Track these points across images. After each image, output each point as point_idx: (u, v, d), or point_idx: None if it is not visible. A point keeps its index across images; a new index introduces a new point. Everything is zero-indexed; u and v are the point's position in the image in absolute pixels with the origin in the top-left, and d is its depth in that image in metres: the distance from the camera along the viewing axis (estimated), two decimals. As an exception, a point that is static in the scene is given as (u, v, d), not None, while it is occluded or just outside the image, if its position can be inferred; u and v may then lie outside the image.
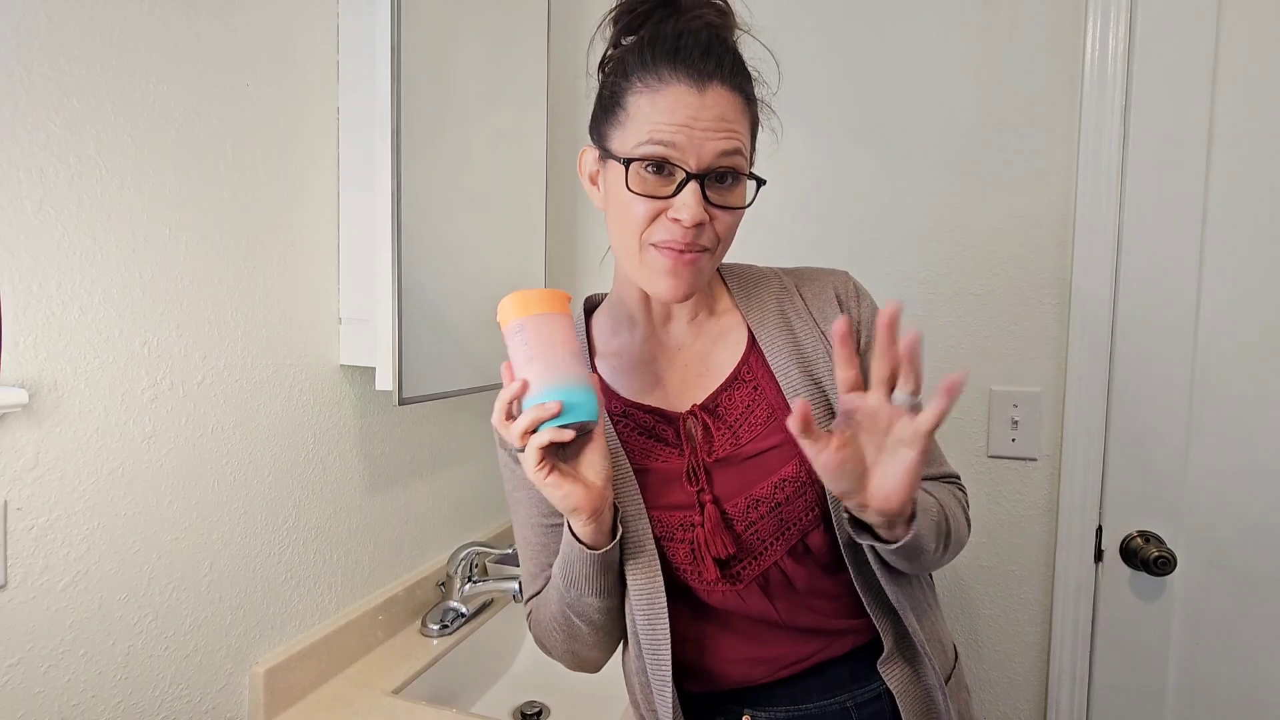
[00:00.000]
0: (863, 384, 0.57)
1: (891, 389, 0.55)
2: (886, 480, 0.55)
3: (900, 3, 1.27)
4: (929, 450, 0.54)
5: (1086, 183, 1.17)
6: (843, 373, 0.57)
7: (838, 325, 0.56)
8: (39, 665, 0.71)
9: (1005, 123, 1.23)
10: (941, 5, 1.25)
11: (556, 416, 0.57)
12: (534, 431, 0.58)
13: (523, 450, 0.59)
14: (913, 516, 0.59)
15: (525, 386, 0.59)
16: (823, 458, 0.55)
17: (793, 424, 0.55)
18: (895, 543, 0.59)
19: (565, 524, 0.64)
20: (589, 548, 0.63)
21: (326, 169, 1.01)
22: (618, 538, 0.64)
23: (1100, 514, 1.20)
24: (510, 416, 0.60)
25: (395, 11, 0.94)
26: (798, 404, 0.55)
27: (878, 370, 0.55)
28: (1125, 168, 1.16)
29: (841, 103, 1.31)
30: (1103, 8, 1.15)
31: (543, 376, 0.58)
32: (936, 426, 0.53)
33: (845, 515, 0.62)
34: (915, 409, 0.54)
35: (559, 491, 0.59)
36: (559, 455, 0.60)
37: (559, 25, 1.39)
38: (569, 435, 0.58)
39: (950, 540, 0.67)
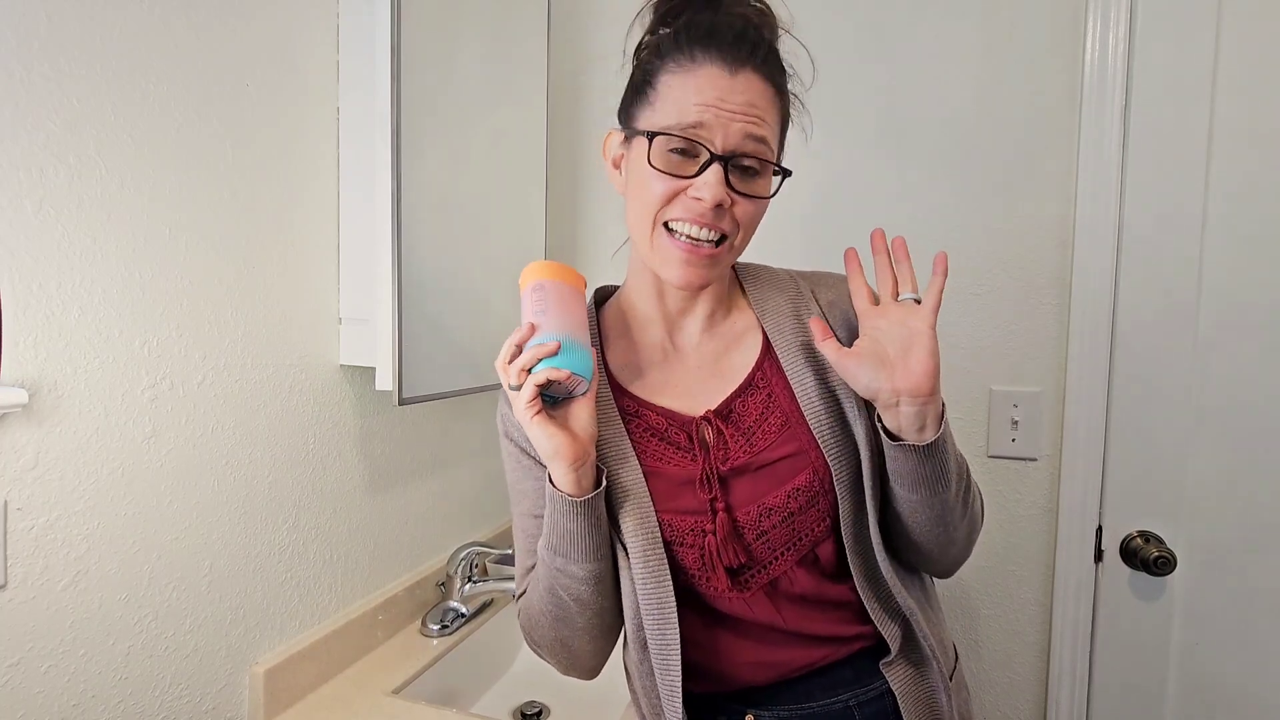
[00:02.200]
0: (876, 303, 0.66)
1: (897, 296, 0.64)
2: (910, 360, 0.60)
3: (900, 4, 1.27)
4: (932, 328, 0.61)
5: (1086, 183, 1.17)
6: (858, 289, 0.66)
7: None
8: (39, 665, 0.71)
9: (1005, 123, 1.23)
10: (941, 6, 1.25)
11: (555, 355, 0.60)
12: (531, 372, 0.60)
13: (519, 389, 0.60)
14: (941, 416, 0.62)
15: (533, 330, 0.62)
16: (843, 360, 0.63)
17: (816, 338, 0.64)
18: (924, 443, 0.62)
19: (546, 480, 0.64)
20: (571, 497, 0.63)
21: (326, 169, 1.01)
22: (601, 488, 0.64)
23: (1100, 514, 1.20)
24: (513, 361, 0.62)
25: (395, 11, 0.94)
26: (814, 323, 0.65)
27: (883, 285, 0.65)
28: (1125, 168, 1.16)
29: (841, 103, 1.31)
30: (1103, 8, 1.15)
31: (550, 325, 0.62)
32: (939, 301, 0.61)
33: (876, 420, 0.64)
34: (919, 302, 0.63)
35: (544, 431, 0.60)
36: (550, 407, 0.62)
37: (559, 25, 1.39)
38: (565, 374, 0.60)
39: (969, 497, 0.67)
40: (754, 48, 0.62)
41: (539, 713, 1.13)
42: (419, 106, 1.00)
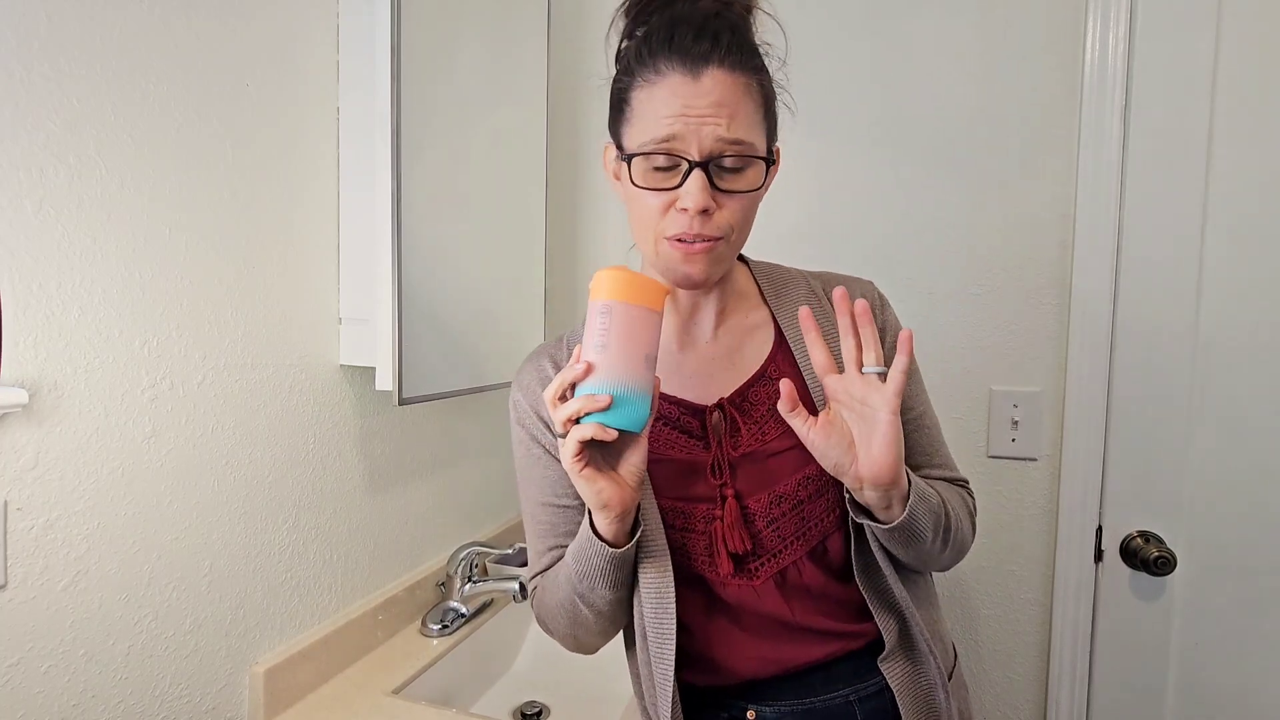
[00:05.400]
0: (839, 368, 0.64)
1: (861, 367, 0.62)
2: (872, 448, 0.60)
3: (899, 3, 1.27)
4: (899, 412, 0.60)
5: (1086, 183, 1.17)
6: (816, 356, 0.63)
7: (802, 312, 0.63)
8: (39, 665, 0.71)
9: (1005, 123, 1.23)
10: (940, 5, 1.25)
11: (606, 410, 0.56)
12: (578, 421, 0.57)
13: (564, 436, 0.58)
14: (908, 497, 0.61)
15: (589, 371, 0.57)
16: (810, 433, 0.61)
17: (781, 405, 0.61)
18: (891, 523, 0.62)
19: (586, 518, 0.64)
20: (610, 545, 0.63)
21: (326, 169, 1.01)
22: (638, 535, 0.65)
23: (1100, 514, 1.20)
24: (563, 398, 0.59)
25: (395, 11, 0.94)
26: (784, 384, 0.61)
27: (845, 349, 0.63)
28: (1125, 168, 1.16)
29: (840, 103, 1.31)
30: (1103, 8, 1.15)
31: (609, 369, 0.57)
32: (903, 385, 0.59)
33: (845, 494, 0.64)
34: (883, 377, 0.61)
35: (593, 486, 0.59)
36: (598, 450, 0.60)
37: (559, 25, 1.39)
38: (613, 435, 0.57)
39: (950, 537, 0.68)
40: (715, 41, 0.60)
41: (539, 713, 1.13)
42: (419, 106, 1.00)
